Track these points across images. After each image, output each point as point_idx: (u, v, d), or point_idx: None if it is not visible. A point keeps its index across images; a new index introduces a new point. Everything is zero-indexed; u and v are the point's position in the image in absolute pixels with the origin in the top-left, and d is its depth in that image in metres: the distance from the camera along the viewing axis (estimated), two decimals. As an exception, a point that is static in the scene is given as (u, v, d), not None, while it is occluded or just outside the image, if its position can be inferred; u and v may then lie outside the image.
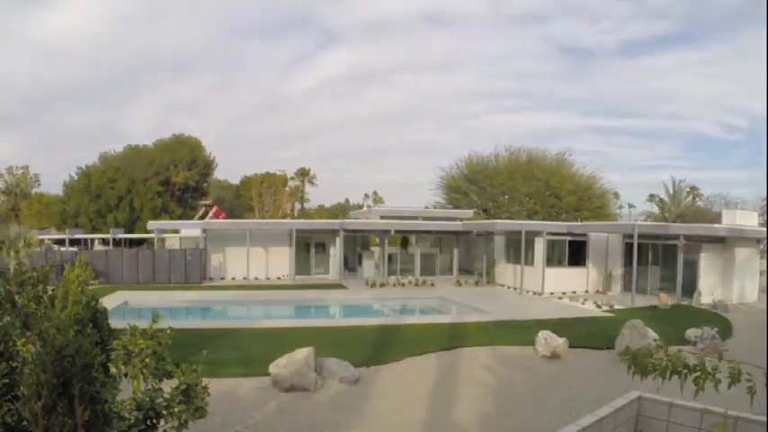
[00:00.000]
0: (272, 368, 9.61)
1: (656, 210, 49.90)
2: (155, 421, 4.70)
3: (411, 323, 16.13)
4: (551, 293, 23.33)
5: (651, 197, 52.72)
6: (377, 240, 29.77)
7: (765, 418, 4.31)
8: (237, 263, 27.22)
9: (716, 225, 25.01)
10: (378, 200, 70.13)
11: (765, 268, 26.54)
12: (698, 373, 3.23)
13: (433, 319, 18.08)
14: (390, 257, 28.69)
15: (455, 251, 29.76)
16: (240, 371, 10.14)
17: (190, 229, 30.86)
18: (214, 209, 40.12)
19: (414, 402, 8.97)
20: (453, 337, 13.62)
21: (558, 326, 14.25)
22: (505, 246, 27.16)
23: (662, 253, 22.79)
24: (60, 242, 35.93)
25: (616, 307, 19.63)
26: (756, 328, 16.18)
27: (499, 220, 30.81)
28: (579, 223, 29.88)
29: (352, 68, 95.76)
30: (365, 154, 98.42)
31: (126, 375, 4.79)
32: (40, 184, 59.94)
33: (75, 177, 48.31)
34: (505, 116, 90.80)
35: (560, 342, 12.41)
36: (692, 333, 13.71)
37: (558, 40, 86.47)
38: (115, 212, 44.57)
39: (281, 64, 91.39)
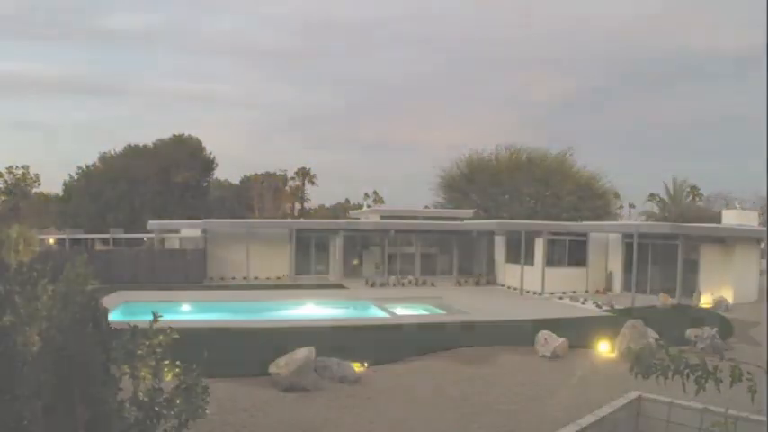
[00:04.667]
0: (272, 368, 9.62)
1: (656, 210, 49.85)
2: (155, 421, 4.71)
3: (411, 323, 16.14)
4: (551, 293, 23.33)
5: (651, 197, 52.69)
6: (377, 240, 29.77)
7: (765, 418, 4.31)
8: (238, 263, 27.20)
9: (716, 225, 25.05)
10: (378, 200, 70.12)
11: (765, 268, 26.55)
12: (699, 373, 3.23)
13: (433, 318, 18.09)
14: (390, 257, 28.71)
15: (455, 251, 29.76)
16: (240, 371, 10.14)
17: (190, 229, 30.85)
18: None
19: (414, 402, 8.98)
20: (453, 337, 13.62)
21: (558, 326, 14.25)
22: (505, 246, 27.16)
23: (662, 253, 22.79)
24: (60, 242, 35.92)
25: (616, 307, 19.63)
26: (756, 328, 16.18)
27: (499, 220, 30.81)
28: (579, 223, 29.91)
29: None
30: (366, 153, 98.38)
31: (126, 375, 4.79)
32: (40, 184, 59.98)
33: (75, 177, 48.34)
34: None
35: (560, 342, 12.42)
36: (692, 333, 13.71)
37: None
38: (115, 212, 44.56)
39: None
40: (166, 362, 4.93)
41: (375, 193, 71.86)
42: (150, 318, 5.09)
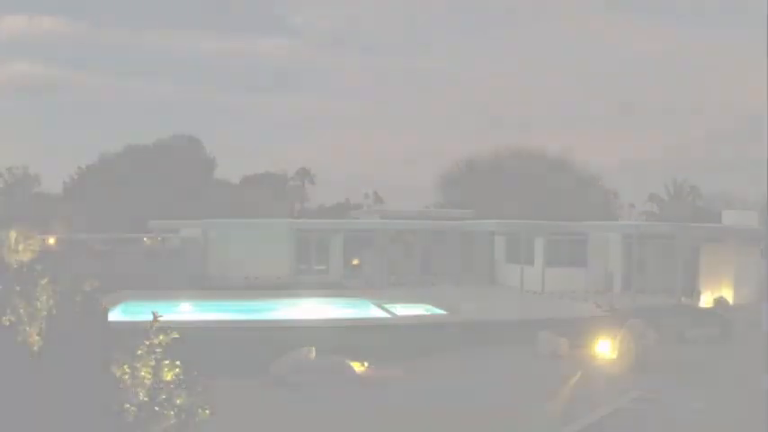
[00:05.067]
0: (272, 368, 9.63)
1: (656, 210, 49.83)
2: (155, 421, 4.71)
3: (411, 323, 16.15)
4: (551, 293, 23.32)
5: (651, 197, 52.64)
6: (377, 240, 29.78)
7: (765, 418, 4.32)
8: (238, 263, 27.18)
9: (716, 225, 25.05)
10: (378, 200, 70.04)
11: (765, 268, 26.54)
12: (698, 373, 3.25)
13: (433, 318, 18.07)
14: (391, 257, 28.70)
15: (455, 251, 29.75)
16: (240, 370, 10.14)
17: (190, 229, 30.85)
18: None
19: (413, 401, 8.98)
20: (453, 337, 13.63)
21: (558, 326, 14.25)
22: (505, 245, 27.17)
23: (662, 253, 22.78)
24: (60, 242, 35.88)
25: (616, 307, 19.61)
26: (756, 328, 16.16)
27: (499, 220, 30.83)
28: (579, 223, 29.91)
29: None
30: (366, 153, 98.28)
31: (126, 375, 4.79)
32: (40, 184, 59.93)
33: (76, 177, 48.35)
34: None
35: (560, 342, 12.43)
36: (692, 333, 13.71)
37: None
38: (115, 212, 44.55)
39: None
40: (166, 361, 4.93)
41: (375, 193, 71.77)
42: (150, 317, 5.09)
